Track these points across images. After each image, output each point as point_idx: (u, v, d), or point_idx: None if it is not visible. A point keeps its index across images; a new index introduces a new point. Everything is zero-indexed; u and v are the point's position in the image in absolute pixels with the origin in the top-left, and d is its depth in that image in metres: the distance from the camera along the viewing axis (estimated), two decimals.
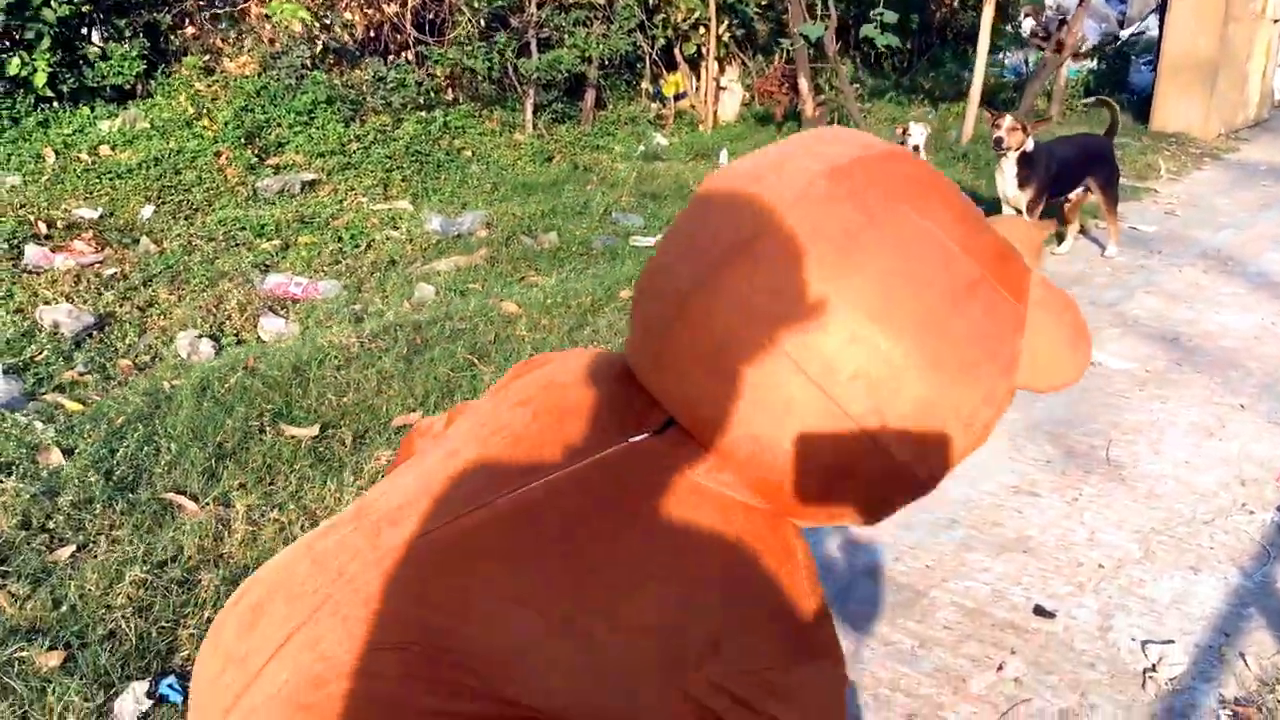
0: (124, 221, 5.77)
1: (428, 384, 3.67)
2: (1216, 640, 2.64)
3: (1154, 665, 2.54)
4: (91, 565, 2.60)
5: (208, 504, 2.91)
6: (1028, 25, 14.46)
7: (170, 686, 2.29)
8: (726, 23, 9.79)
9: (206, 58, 7.94)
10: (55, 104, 7.34)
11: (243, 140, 6.92)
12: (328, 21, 8.06)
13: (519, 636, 1.04)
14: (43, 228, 5.40)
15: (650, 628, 1.05)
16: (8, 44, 7.12)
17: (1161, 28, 9.89)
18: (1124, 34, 15.36)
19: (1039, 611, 2.76)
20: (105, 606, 2.48)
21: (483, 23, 8.32)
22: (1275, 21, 10.27)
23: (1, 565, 2.61)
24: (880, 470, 1.11)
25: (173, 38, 8.13)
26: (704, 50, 9.60)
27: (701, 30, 9.53)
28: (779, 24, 10.06)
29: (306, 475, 3.10)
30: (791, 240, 1.09)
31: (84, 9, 7.38)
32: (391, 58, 8.43)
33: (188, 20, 8.15)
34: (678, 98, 9.90)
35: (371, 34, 8.38)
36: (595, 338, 4.29)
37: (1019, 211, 5.59)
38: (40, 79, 7.10)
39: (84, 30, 7.68)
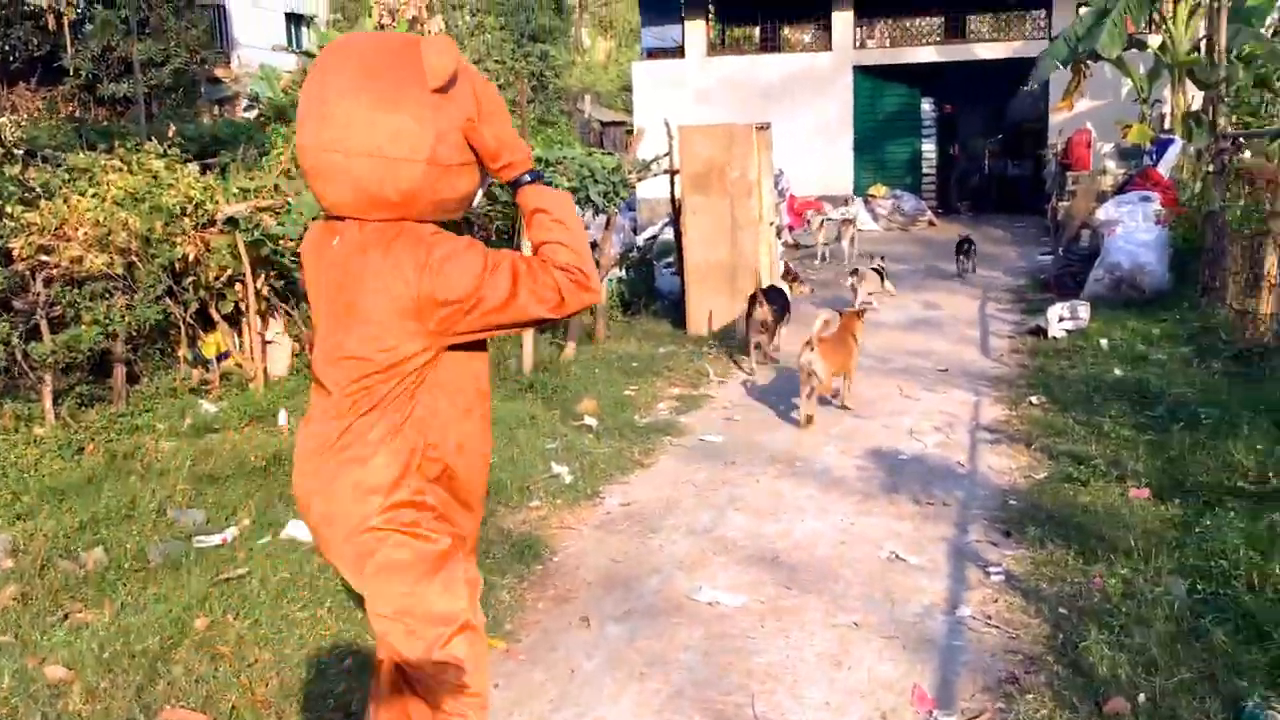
0: None
1: None
2: None
3: None
4: None
5: None
6: None
7: None
8: (264, 275, 9.36)
9: None
10: None
11: None
12: None
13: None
14: None
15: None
16: None
17: (678, 239, 10.74)
18: (639, 239, 16.66)
19: None
20: None
21: None
22: (771, 224, 11.51)
23: None
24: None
25: None
26: (243, 306, 9.08)
27: (238, 286, 9.04)
28: None
29: None
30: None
31: None
32: None
33: None
34: (220, 358, 9.25)
35: None
36: (172, 692, 3.62)
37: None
38: None
39: None
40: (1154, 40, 15.86)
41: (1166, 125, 16.19)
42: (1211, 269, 9.52)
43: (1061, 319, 9.74)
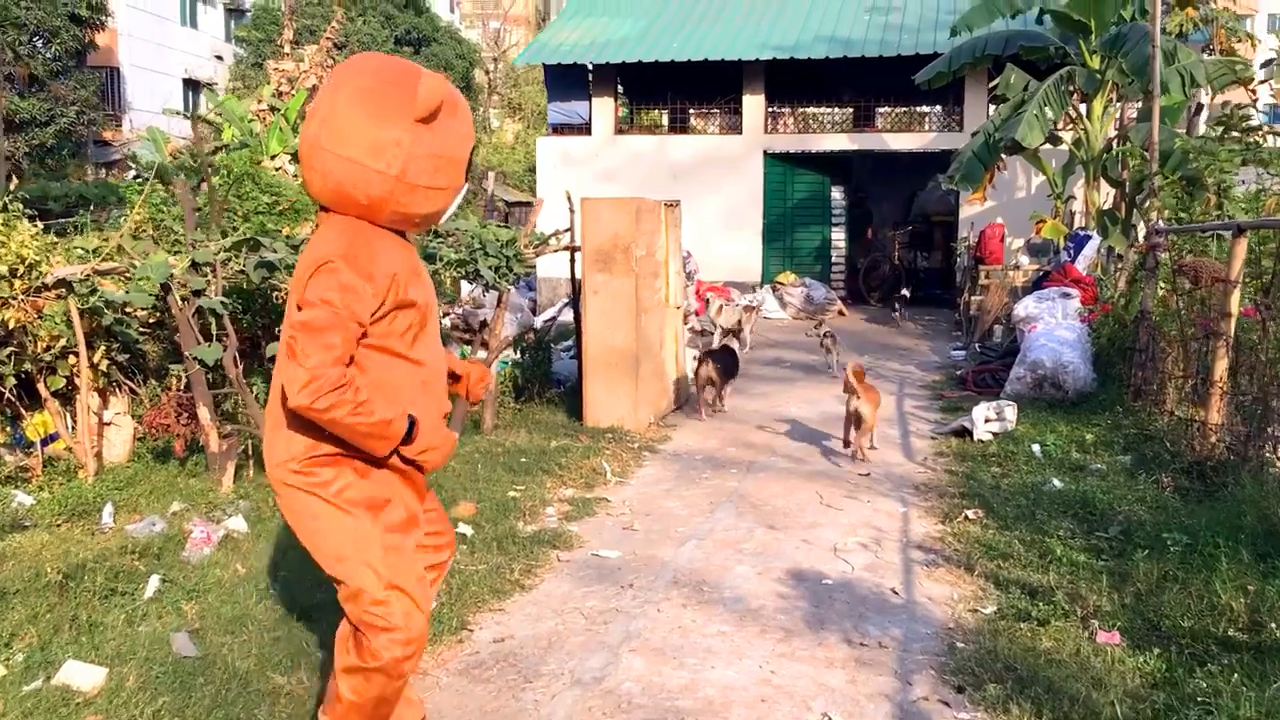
0: None
1: None
2: None
3: None
4: None
5: None
6: (446, 320, 14.38)
7: None
8: (103, 348, 8.21)
9: None
10: None
11: None
12: None
13: None
14: None
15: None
16: None
17: (578, 320, 9.88)
18: (538, 320, 15.76)
19: None
20: None
21: None
22: (677, 308, 10.72)
23: None
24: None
25: None
26: (77, 381, 7.90)
27: (71, 359, 7.87)
28: (171, 345, 8.67)
29: None
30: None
31: None
32: None
33: None
34: (47, 441, 8.03)
35: None
36: None
37: None
38: None
39: None
40: (1068, 135, 15.67)
41: (1079, 222, 15.98)
42: (1144, 371, 8.95)
43: (987, 420, 9.06)
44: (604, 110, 20.28)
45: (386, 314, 2.84)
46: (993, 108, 17.64)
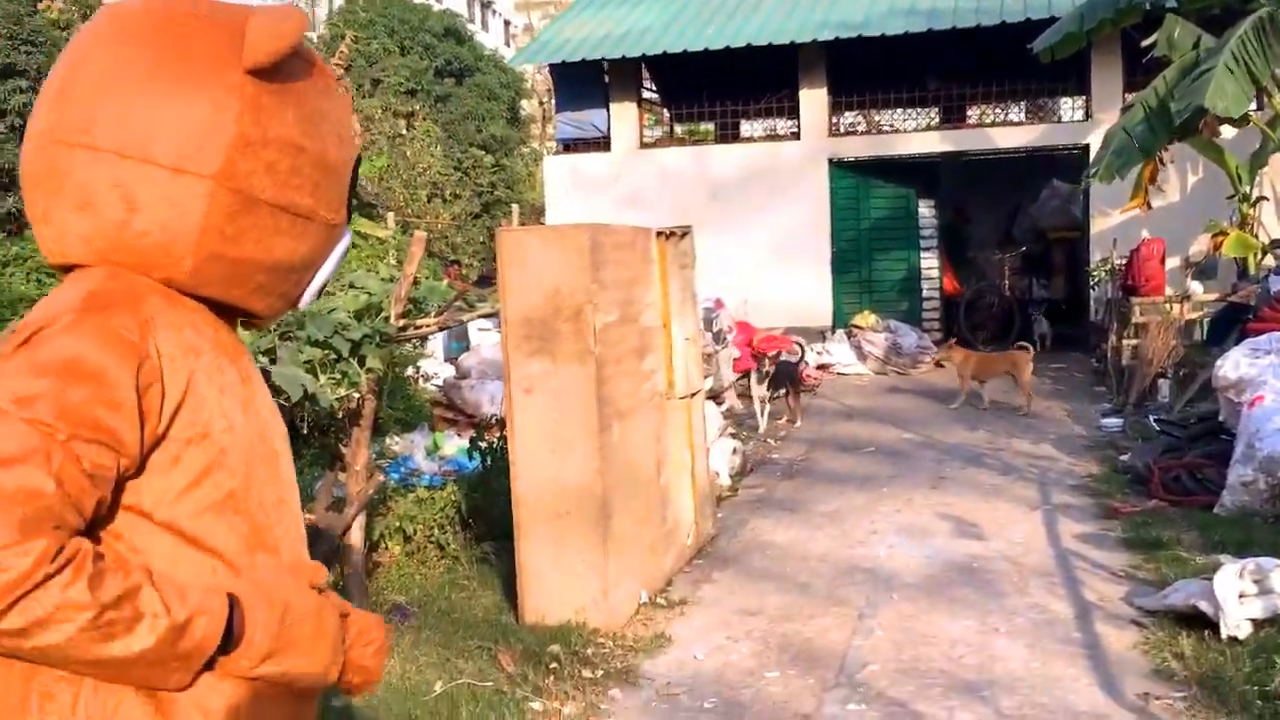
0: None
1: None
2: None
3: None
4: None
5: None
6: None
7: None
8: None
9: None
10: None
11: None
12: None
13: None
14: None
15: None
16: None
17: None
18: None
19: None
20: None
21: None
22: (694, 394, 6.83)
23: None
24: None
25: None
26: None
27: None
28: None
29: None
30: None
31: None
32: None
33: None
34: None
35: None
36: None
37: None
38: None
39: None
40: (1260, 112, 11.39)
41: (1266, 233, 11.77)
42: None
43: (1242, 595, 5.00)
44: (625, 118, 16.46)
45: (164, 441, 1.26)
46: (1128, 95, 13.49)
